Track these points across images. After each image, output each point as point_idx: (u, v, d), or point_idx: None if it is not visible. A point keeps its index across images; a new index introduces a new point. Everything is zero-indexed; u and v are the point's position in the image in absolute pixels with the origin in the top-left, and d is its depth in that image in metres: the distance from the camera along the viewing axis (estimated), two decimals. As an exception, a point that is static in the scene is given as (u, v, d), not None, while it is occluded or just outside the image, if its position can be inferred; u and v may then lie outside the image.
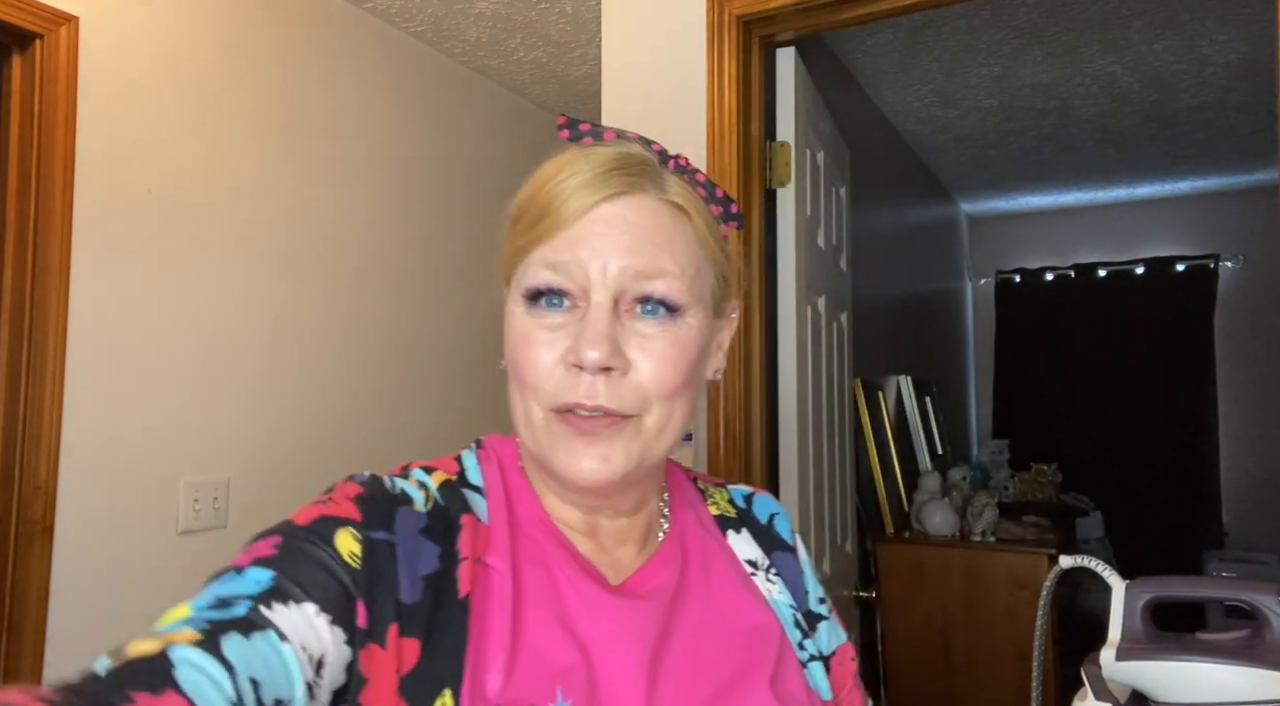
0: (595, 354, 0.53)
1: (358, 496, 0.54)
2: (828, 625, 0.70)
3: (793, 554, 0.71)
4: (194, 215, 1.83)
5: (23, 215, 1.56)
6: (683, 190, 0.60)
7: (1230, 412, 4.37)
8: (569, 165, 0.58)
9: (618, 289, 0.55)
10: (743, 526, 0.70)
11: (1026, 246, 4.96)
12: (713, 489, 0.73)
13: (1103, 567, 0.62)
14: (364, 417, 2.22)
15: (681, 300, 0.57)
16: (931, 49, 2.69)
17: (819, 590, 0.71)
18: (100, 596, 1.63)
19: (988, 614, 2.50)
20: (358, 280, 2.22)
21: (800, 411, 1.75)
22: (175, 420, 1.78)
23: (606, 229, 0.56)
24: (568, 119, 0.62)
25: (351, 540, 0.50)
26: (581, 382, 0.54)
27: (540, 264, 0.56)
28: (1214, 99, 3.12)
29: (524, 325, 0.57)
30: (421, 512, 0.55)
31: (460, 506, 0.58)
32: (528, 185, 0.60)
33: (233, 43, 1.92)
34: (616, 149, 0.59)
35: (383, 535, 0.52)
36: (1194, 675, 0.56)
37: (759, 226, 1.70)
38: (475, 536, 0.56)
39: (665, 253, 0.57)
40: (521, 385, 0.57)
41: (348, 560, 0.49)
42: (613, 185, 0.57)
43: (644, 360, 0.56)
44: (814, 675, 0.63)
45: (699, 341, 0.59)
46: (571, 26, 2.38)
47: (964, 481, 3.09)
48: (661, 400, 0.57)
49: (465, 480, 0.61)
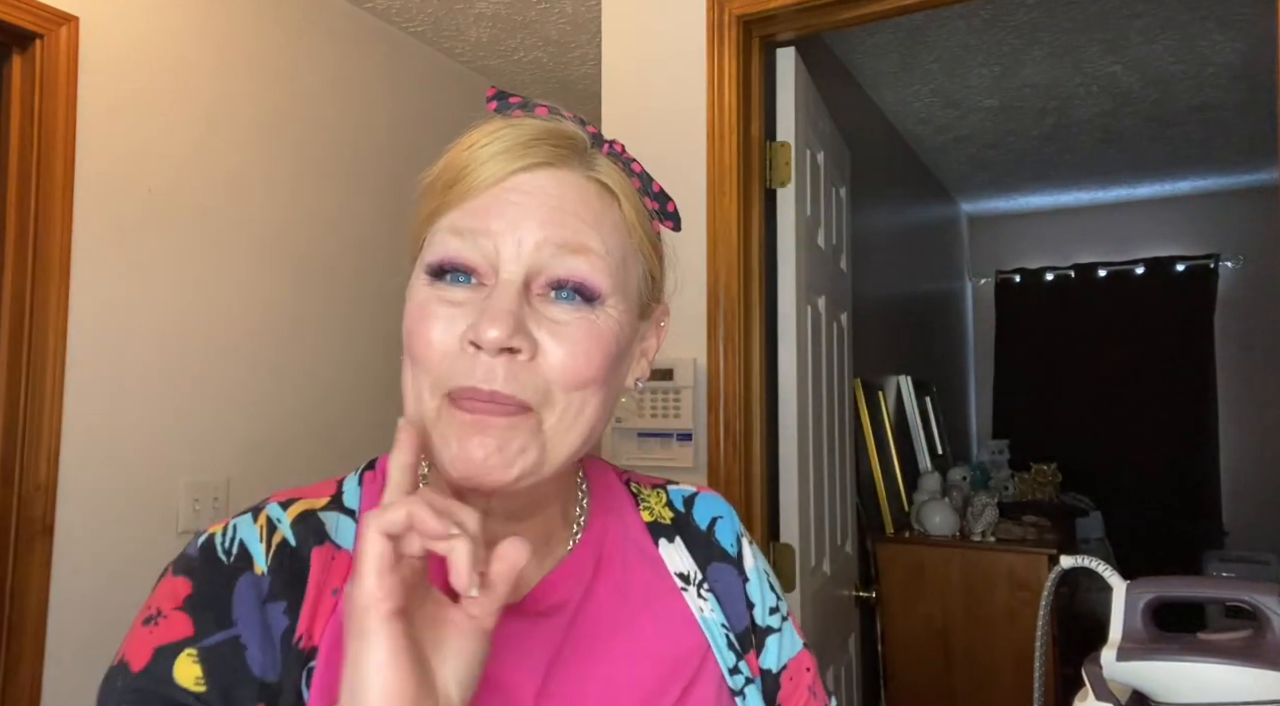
0: (495, 332, 0.47)
1: (186, 599, 0.50)
2: (779, 638, 0.64)
3: (733, 564, 0.64)
4: (194, 215, 1.83)
5: (23, 215, 1.56)
6: (614, 173, 0.55)
7: (1230, 412, 4.37)
8: (492, 133, 0.53)
9: (532, 266, 0.50)
10: (676, 534, 0.64)
11: (1026, 246, 4.96)
12: (648, 491, 0.67)
13: (1103, 567, 0.62)
14: (364, 417, 2.22)
15: (602, 285, 0.51)
16: (931, 49, 2.69)
17: (771, 599, 0.65)
18: (100, 596, 1.63)
19: (988, 614, 2.50)
20: (358, 280, 2.22)
21: (800, 411, 1.75)
22: (175, 420, 1.78)
23: (524, 199, 0.50)
24: (498, 91, 0.57)
25: (190, 663, 0.48)
26: (479, 364, 0.48)
27: (448, 230, 0.51)
28: (1214, 99, 3.12)
29: (421, 297, 0.52)
30: (262, 573, 0.51)
31: (314, 539, 0.54)
32: (444, 152, 0.55)
33: (233, 43, 1.92)
34: (546, 123, 0.54)
35: (220, 637, 0.49)
36: (1195, 675, 0.56)
37: (759, 226, 1.70)
38: (328, 569, 0.53)
39: (589, 229, 0.51)
40: (415, 365, 0.52)
41: (193, 689, 0.47)
42: (535, 155, 0.52)
43: (553, 345, 0.50)
44: (749, 701, 0.58)
45: (619, 336, 0.52)
46: (571, 26, 2.38)
47: (964, 481, 3.09)
48: (566, 392, 0.50)
49: (340, 503, 0.57)
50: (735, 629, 0.61)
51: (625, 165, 0.56)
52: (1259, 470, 4.28)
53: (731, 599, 0.62)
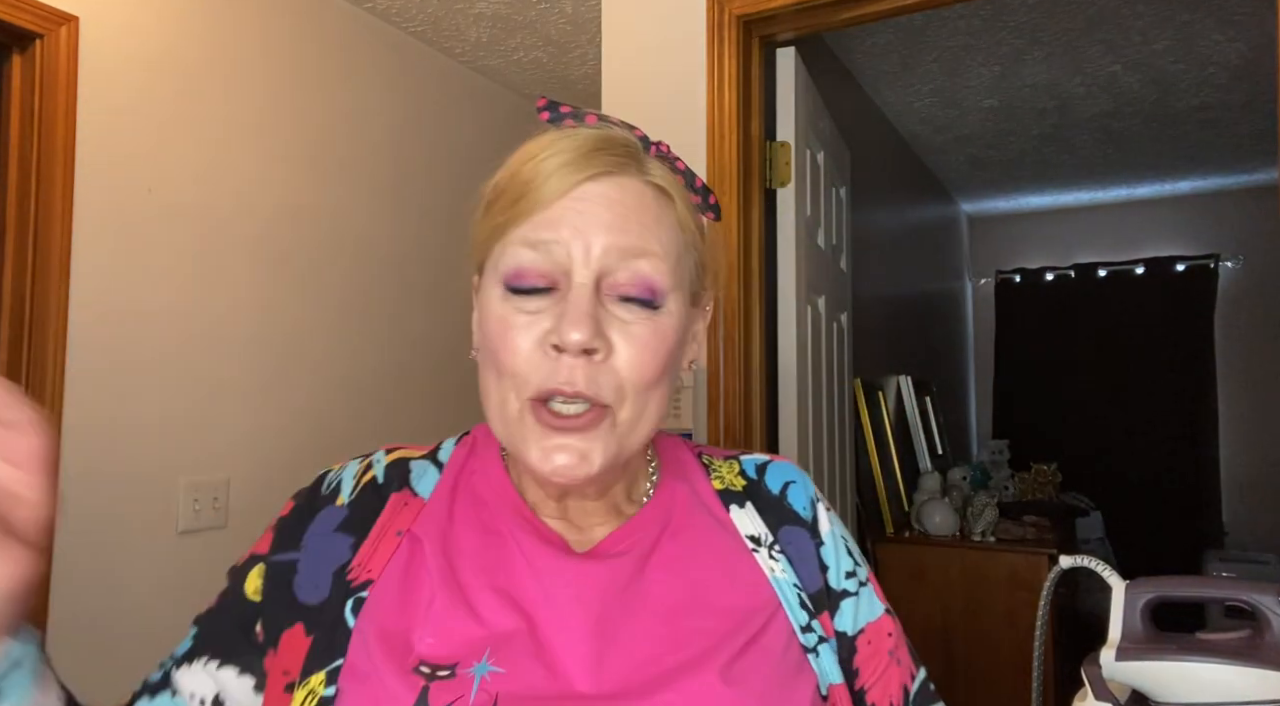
0: (578, 334, 0.52)
1: (279, 520, 0.62)
2: (855, 602, 0.64)
3: (806, 527, 0.65)
4: (194, 215, 1.83)
5: (23, 215, 1.56)
6: (665, 174, 0.59)
7: (1230, 412, 4.37)
8: (551, 144, 0.56)
9: (601, 269, 0.54)
10: (748, 500, 0.66)
11: (1026, 246, 4.96)
12: (720, 462, 0.70)
13: (1103, 567, 0.62)
14: (364, 417, 2.22)
15: (665, 284, 0.56)
16: (931, 49, 2.69)
17: (847, 563, 0.66)
18: (100, 597, 1.63)
19: (988, 614, 2.50)
20: (358, 280, 2.22)
21: (800, 411, 1.75)
22: (175, 420, 1.78)
23: (589, 206, 0.54)
24: (549, 101, 0.60)
25: (256, 578, 0.60)
26: (561, 366, 0.53)
27: (519, 243, 0.55)
28: (1214, 99, 3.12)
29: (501, 309, 0.55)
30: (342, 505, 0.61)
31: (398, 483, 0.62)
32: (506, 165, 0.59)
33: (233, 43, 1.92)
34: (600, 131, 0.58)
35: (283, 558, 0.59)
36: (1194, 675, 0.56)
37: (759, 226, 1.70)
38: (398, 512, 0.60)
39: (650, 233, 0.56)
40: (499, 372, 0.55)
41: (251, 598, 0.59)
42: (597, 164, 0.55)
43: (624, 345, 0.54)
44: (823, 660, 0.59)
45: (678, 330, 0.57)
46: (571, 26, 2.38)
47: (964, 481, 3.09)
48: (638, 391, 0.55)
49: (434, 456, 0.65)
50: (808, 589, 0.62)
51: (671, 164, 0.60)
52: (1259, 470, 4.28)
53: (804, 560, 0.64)
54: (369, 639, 0.54)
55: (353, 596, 0.56)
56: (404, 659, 0.53)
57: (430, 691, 0.51)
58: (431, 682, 0.52)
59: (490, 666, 0.53)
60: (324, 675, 0.53)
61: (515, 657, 0.53)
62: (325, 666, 0.54)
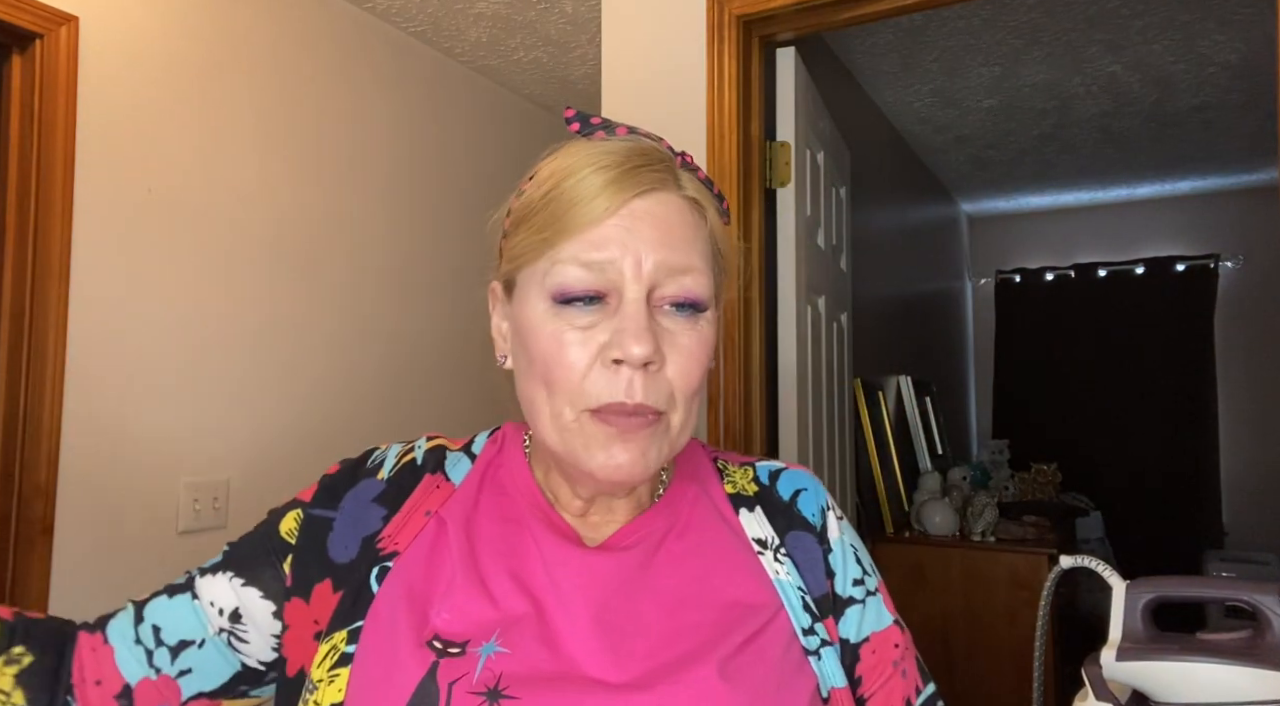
0: (640, 349, 0.53)
1: (325, 477, 0.66)
2: (862, 609, 0.65)
3: (814, 533, 0.66)
4: (194, 215, 1.83)
5: (23, 215, 1.56)
6: (697, 186, 0.61)
7: (1230, 412, 4.37)
8: (591, 160, 0.57)
9: (651, 284, 0.56)
10: (757, 504, 0.68)
11: (1026, 246, 4.96)
12: (735, 467, 0.71)
13: (1103, 567, 0.62)
14: (364, 417, 2.21)
15: (706, 297, 0.58)
16: (931, 49, 2.69)
17: (855, 571, 0.66)
18: (100, 596, 1.63)
19: (988, 614, 2.50)
20: (358, 280, 2.22)
21: (800, 411, 1.75)
22: (175, 420, 1.78)
23: (637, 224, 0.56)
24: (577, 112, 0.61)
25: (292, 521, 0.64)
26: (620, 378, 0.55)
27: (571, 262, 0.56)
28: (1214, 99, 3.12)
29: (552, 325, 0.56)
30: (382, 480, 0.65)
31: (434, 466, 0.66)
32: (543, 180, 0.59)
33: (232, 43, 1.92)
34: (634, 144, 0.59)
35: (321, 512, 0.63)
36: (1195, 675, 0.56)
37: (759, 226, 1.70)
38: (429, 494, 0.64)
39: (692, 248, 0.58)
40: (551, 387, 0.57)
41: (284, 537, 0.63)
42: (642, 181, 0.57)
43: (673, 357, 0.57)
44: (826, 664, 0.60)
45: (715, 337, 0.60)
46: (571, 26, 2.38)
47: (964, 481, 3.09)
48: (686, 398, 0.58)
49: (469, 449, 0.68)
50: (813, 593, 0.63)
51: (695, 173, 0.62)
52: (1259, 470, 4.28)
53: (810, 565, 0.65)
54: (390, 607, 0.57)
55: (378, 564, 0.60)
56: (420, 631, 0.56)
57: (440, 666, 0.54)
58: (442, 658, 0.54)
59: (497, 646, 0.55)
60: (346, 633, 0.57)
61: (521, 640, 0.56)
62: (348, 625, 0.57)
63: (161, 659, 0.61)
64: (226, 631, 0.62)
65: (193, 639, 0.62)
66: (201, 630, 0.62)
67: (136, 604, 0.64)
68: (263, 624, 0.62)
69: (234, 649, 0.62)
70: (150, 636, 0.62)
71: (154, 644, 0.62)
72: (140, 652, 0.61)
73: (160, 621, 0.62)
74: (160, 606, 0.63)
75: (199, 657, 0.62)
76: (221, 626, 0.62)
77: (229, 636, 0.62)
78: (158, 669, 0.61)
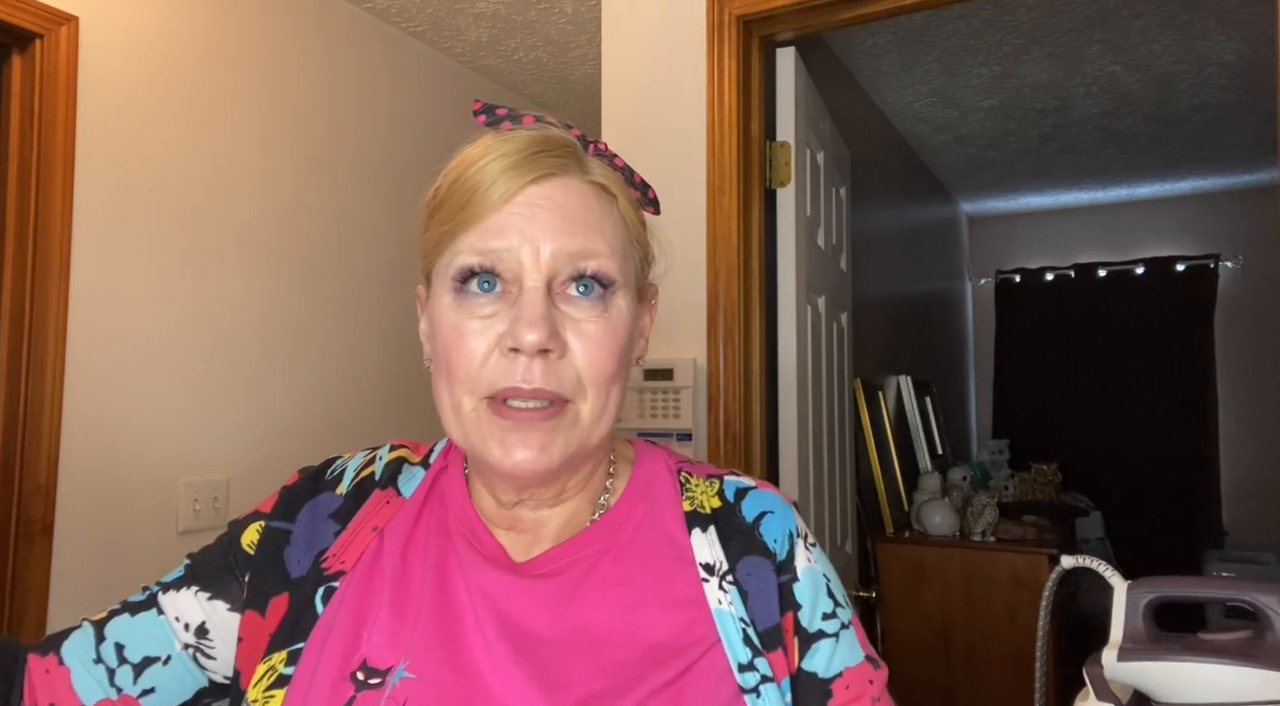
0: (534, 336, 0.52)
1: (285, 489, 0.65)
2: (834, 644, 0.60)
3: (771, 561, 0.61)
4: (194, 215, 1.83)
5: (23, 215, 1.56)
6: (606, 172, 0.59)
7: (1230, 412, 4.37)
8: (491, 148, 0.56)
9: (551, 272, 0.54)
10: (711, 524, 0.63)
11: (1026, 246, 4.96)
12: (699, 480, 0.66)
13: (1105, 568, 0.62)
14: (364, 418, 2.21)
15: (615, 278, 0.56)
16: (931, 49, 2.69)
17: (826, 604, 0.61)
18: (100, 596, 1.63)
19: (988, 614, 2.49)
20: (358, 280, 2.22)
21: (800, 411, 1.75)
22: (175, 420, 1.77)
23: (535, 211, 0.55)
24: (484, 104, 0.60)
25: (254, 533, 0.63)
26: (518, 366, 0.53)
27: (469, 252, 0.55)
28: (1214, 99, 3.12)
29: (453, 317, 0.55)
30: (340, 495, 0.64)
31: (388, 480, 0.65)
32: (446, 171, 0.58)
33: (232, 43, 1.92)
34: (538, 132, 0.58)
35: (280, 525, 0.62)
36: (1196, 675, 0.56)
37: (759, 226, 1.70)
38: (378, 509, 0.63)
39: (596, 233, 0.56)
40: (451, 377, 0.56)
41: (245, 549, 0.62)
42: (539, 166, 0.55)
43: (578, 344, 0.55)
44: (764, 700, 0.55)
45: (628, 324, 0.58)
46: (571, 26, 2.37)
47: (964, 481, 3.09)
48: (596, 386, 0.56)
49: (426, 459, 0.67)
50: (759, 626, 0.59)
51: (610, 161, 0.60)
52: (1259, 470, 4.28)
53: (762, 595, 0.60)
54: (329, 632, 0.56)
55: (324, 584, 0.59)
56: (348, 659, 0.55)
57: (356, 701, 0.53)
58: (359, 692, 0.53)
59: (405, 671, 0.54)
60: (286, 654, 0.56)
61: (431, 665, 0.54)
62: (289, 646, 0.56)
63: (124, 678, 0.59)
64: (193, 647, 0.60)
65: (158, 655, 0.60)
66: (167, 646, 0.60)
67: (95, 622, 0.61)
68: (230, 638, 0.60)
69: (200, 665, 0.61)
70: (112, 655, 0.59)
71: (116, 662, 0.59)
72: (100, 672, 0.59)
73: (123, 639, 0.60)
74: (123, 624, 0.61)
75: (163, 675, 0.60)
76: (188, 641, 0.60)
77: (195, 652, 0.60)
78: (119, 688, 0.59)
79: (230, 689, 0.61)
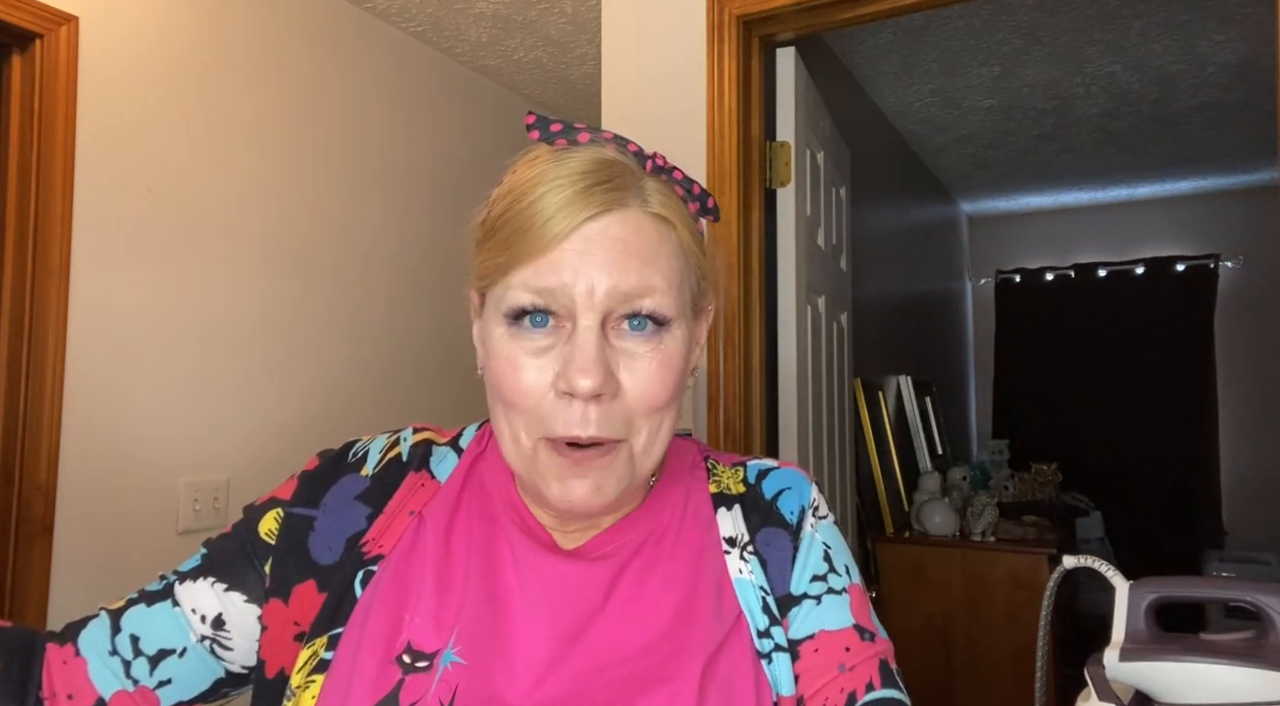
0: (588, 382, 0.52)
1: (304, 473, 0.65)
2: (815, 606, 0.61)
3: (788, 530, 0.63)
4: (193, 215, 1.83)
5: (23, 215, 1.56)
6: (664, 197, 0.57)
7: (1230, 412, 4.37)
8: (546, 175, 0.55)
9: (605, 310, 0.54)
10: (736, 503, 0.65)
11: (1026, 246, 4.96)
12: (724, 467, 0.69)
13: (1106, 567, 0.62)
14: (364, 417, 2.21)
15: (670, 315, 0.56)
16: (931, 49, 2.69)
17: (819, 567, 0.63)
18: (100, 596, 1.62)
19: (988, 614, 2.49)
20: (358, 280, 2.22)
21: (800, 411, 1.75)
22: (175, 420, 1.77)
23: (590, 248, 0.53)
24: (538, 117, 0.59)
25: (272, 521, 0.63)
26: (573, 411, 0.53)
27: (522, 288, 0.54)
28: (1214, 99, 3.12)
29: (507, 349, 0.55)
30: (366, 476, 0.64)
31: (419, 463, 0.65)
32: (502, 196, 0.57)
33: (232, 43, 1.92)
34: (594, 154, 0.56)
35: (303, 512, 0.62)
36: (1198, 676, 0.56)
37: (759, 226, 1.70)
38: (414, 493, 0.63)
39: (652, 269, 0.55)
40: (509, 408, 0.56)
41: (264, 538, 0.62)
42: (595, 202, 0.54)
43: (631, 381, 0.55)
44: (776, 667, 0.57)
45: (683, 352, 0.58)
46: (571, 26, 2.37)
47: (964, 481, 3.09)
48: (649, 418, 0.56)
49: (456, 443, 0.67)
50: (776, 593, 0.61)
51: (669, 176, 0.59)
52: (1259, 470, 4.28)
53: (778, 564, 0.62)
54: (368, 615, 0.56)
55: (363, 568, 0.59)
56: (391, 643, 0.55)
57: (405, 685, 0.54)
58: (408, 675, 0.54)
59: (455, 656, 0.55)
60: (326, 639, 0.57)
61: (478, 650, 0.55)
62: (329, 630, 0.57)
63: (140, 670, 0.59)
64: (209, 638, 0.60)
65: (173, 647, 0.60)
66: (183, 638, 0.60)
67: (111, 612, 0.61)
68: (247, 628, 0.61)
69: (216, 656, 0.61)
70: (128, 646, 0.60)
71: (132, 654, 0.59)
72: (116, 664, 0.59)
73: (139, 630, 0.60)
74: (139, 615, 0.61)
75: (180, 667, 0.60)
76: (204, 633, 0.60)
77: (211, 643, 0.60)
78: (135, 680, 0.59)
79: (250, 678, 0.62)
